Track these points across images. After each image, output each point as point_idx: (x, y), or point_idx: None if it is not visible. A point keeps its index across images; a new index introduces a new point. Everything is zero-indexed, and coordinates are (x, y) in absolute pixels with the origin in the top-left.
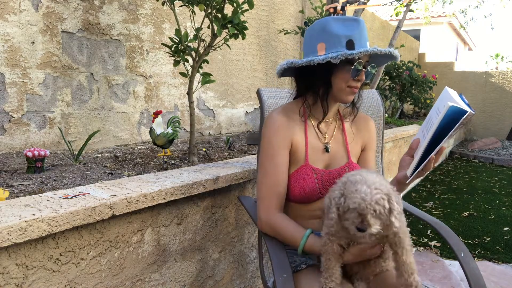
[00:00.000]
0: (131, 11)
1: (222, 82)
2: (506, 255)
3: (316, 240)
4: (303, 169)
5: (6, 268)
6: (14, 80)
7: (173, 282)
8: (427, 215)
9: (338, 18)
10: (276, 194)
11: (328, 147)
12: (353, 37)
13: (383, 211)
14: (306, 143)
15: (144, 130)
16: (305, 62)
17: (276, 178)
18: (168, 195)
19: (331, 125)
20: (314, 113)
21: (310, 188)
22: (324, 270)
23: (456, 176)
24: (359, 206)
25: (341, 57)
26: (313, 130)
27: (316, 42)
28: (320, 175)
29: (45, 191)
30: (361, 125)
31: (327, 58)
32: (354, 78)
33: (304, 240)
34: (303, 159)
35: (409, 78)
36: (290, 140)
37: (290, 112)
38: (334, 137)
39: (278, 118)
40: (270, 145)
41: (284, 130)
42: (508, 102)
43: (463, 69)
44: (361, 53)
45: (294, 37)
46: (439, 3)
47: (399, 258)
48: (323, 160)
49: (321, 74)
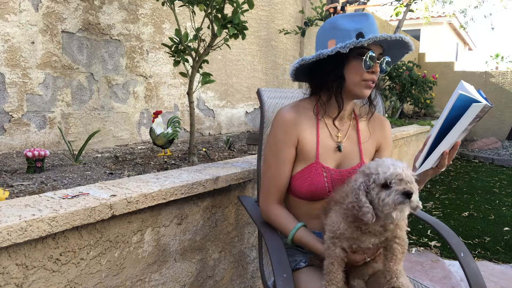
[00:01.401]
0: (131, 11)
1: (222, 82)
2: (506, 255)
3: (306, 233)
4: (313, 167)
5: (6, 268)
6: (14, 80)
7: (173, 282)
8: (427, 215)
9: (347, 14)
10: (275, 187)
11: (341, 146)
12: (362, 29)
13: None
14: (318, 141)
15: (144, 130)
16: (315, 57)
17: (278, 172)
18: (168, 195)
19: (346, 124)
20: (328, 111)
21: (318, 186)
22: (325, 273)
23: (456, 176)
24: (395, 171)
25: (349, 45)
26: (326, 128)
27: (326, 40)
28: (330, 174)
29: (45, 191)
30: (376, 125)
31: (336, 49)
32: (367, 70)
33: (294, 231)
34: (314, 156)
35: (409, 78)
36: (296, 138)
37: (302, 108)
38: (348, 136)
39: (286, 115)
40: (275, 141)
41: (291, 127)
42: (508, 102)
43: (463, 69)
44: (370, 39)
45: (294, 37)
46: (439, 3)
47: (387, 263)
48: (334, 159)
49: (333, 68)
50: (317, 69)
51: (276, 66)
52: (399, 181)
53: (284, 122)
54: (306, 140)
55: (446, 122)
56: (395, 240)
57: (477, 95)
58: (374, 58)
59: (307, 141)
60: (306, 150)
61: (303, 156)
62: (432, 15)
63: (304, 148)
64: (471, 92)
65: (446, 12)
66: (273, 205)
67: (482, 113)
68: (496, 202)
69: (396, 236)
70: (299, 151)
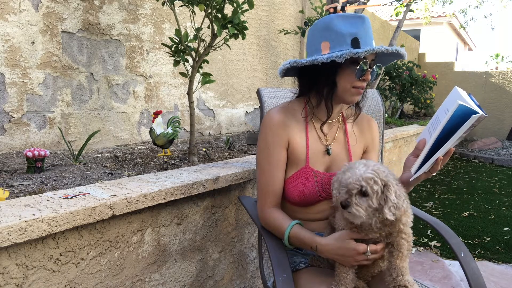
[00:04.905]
0: (131, 11)
1: (222, 82)
2: (506, 255)
3: (302, 230)
4: (303, 172)
5: (6, 268)
6: (14, 80)
7: (173, 282)
8: (427, 215)
9: (342, 15)
10: (270, 192)
11: (330, 149)
12: (358, 34)
13: (370, 191)
14: (307, 144)
15: (144, 130)
16: (309, 62)
17: (271, 176)
18: (168, 195)
19: (334, 126)
20: (317, 114)
21: (309, 191)
22: (335, 274)
23: (456, 176)
24: (347, 181)
25: (346, 56)
26: (314, 131)
27: (319, 41)
28: (321, 178)
29: (45, 191)
30: (364, 126)
31: (332, 57)
32: (359, 78)
33: (289, 228)
34: (304, 161)
35: (409, 78)
36: (287, 140)
37: (291, 111)
38: (336, 139)
39: (275, 117)
40: (266, 144)
41: (281, 129)
42: (508, 102)
43: (463, 69)
44: (367, 51)
45: (294, 37)
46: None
47: (393, 260)
48: (323, 162)
49: (326, 73)
50: (308, 70)
51: (276, 66)
52: (347, 191)
53: (274, 124)
54: (296, 143)
55: (444, 131)
56: (401, 235)
57: (472, 103)
58: (367, 66)
59: (297, 144)
60: (296, 154)
61: (294, 160)
62: (432, 15)
63: (294, 152)
64: (465, 99)
65: (446, 12)
66: (268, 210)
67: (477, 122)
68: (496, 202)
69: (402, 231)
70: (289, 154)
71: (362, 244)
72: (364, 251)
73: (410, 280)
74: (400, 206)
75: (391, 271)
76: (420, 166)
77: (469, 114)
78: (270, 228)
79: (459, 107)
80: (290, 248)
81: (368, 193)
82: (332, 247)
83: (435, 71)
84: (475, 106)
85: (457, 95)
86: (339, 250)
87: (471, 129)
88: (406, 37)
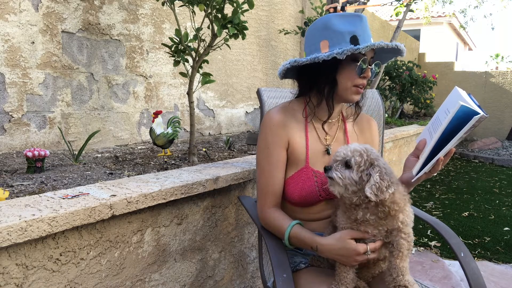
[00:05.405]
0: (131, 11)
1: (222, 82)
2: (506, 255)
3: (303, 230)
4: (303, 172)
5: (6, 268)
6: (14, 80)
7: (173, 282)
8: (427, 215)
9: (340, 14)
10: (270, 192)
11: (330, 149)
12: (356, 32)
13: (353, 162)
14: (307, 144)
15: (144, 130)
16: (309, 60)
17: (271, 176)
18: (168, 195)
19: (334, 126)
20: (317, 114)
21: (309, 191)
22: (336, 274)
23: (456, 176)
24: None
25: (347, 52)
26: (314, 131)
27: (318, 40)
28: (321, 178)
29: (45, 191)
30: (364, 126)
31: (333, 54)
32: (360, 76)
33: (290, 228)
34: (304, 161)
35: (409, 78)
36: (286, 140)
37: (291, 111)
38: (336, 139)
39: (275, 117)
40: (266, 144)
41: (281, 129)
42: (508, 102)
43: (463, 69)
44: (367, 47)
45: (294, 37)
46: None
47: (394, 260)
48: (323, 162)
49: (326, 72)
50: (308, 69)
51: (276, 66)
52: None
53: (274, 124)
54: (296, 143)
55: (445, 132)
56: (400, 235)
57: (472, 103)
58: (367, 63)
59: (297, 144)
60: (296, 154)
61: (293, 160)
62: (432, 15)
63: (294, 152)
64: (466, 99)
65: (446, 12)
66: (268, 210)
67: (478, 123)
68: (496, 202)
69: (401, 231)
70: (289, 154)
71: (362, 244)
72: (365, 251)
73: (410, 280)
74: (384, 189)
75: (391, 271)
76: (421, 167)
77: (470, 115)
78: (270, 228)
79: (461, 108)
80: (290, 248)
81: (351, 163)
82: (332, 247)
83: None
84: (476, 107)
85: (458, 96)
86: (340, 250)
87: (472, 129)
88: (406, 37)
